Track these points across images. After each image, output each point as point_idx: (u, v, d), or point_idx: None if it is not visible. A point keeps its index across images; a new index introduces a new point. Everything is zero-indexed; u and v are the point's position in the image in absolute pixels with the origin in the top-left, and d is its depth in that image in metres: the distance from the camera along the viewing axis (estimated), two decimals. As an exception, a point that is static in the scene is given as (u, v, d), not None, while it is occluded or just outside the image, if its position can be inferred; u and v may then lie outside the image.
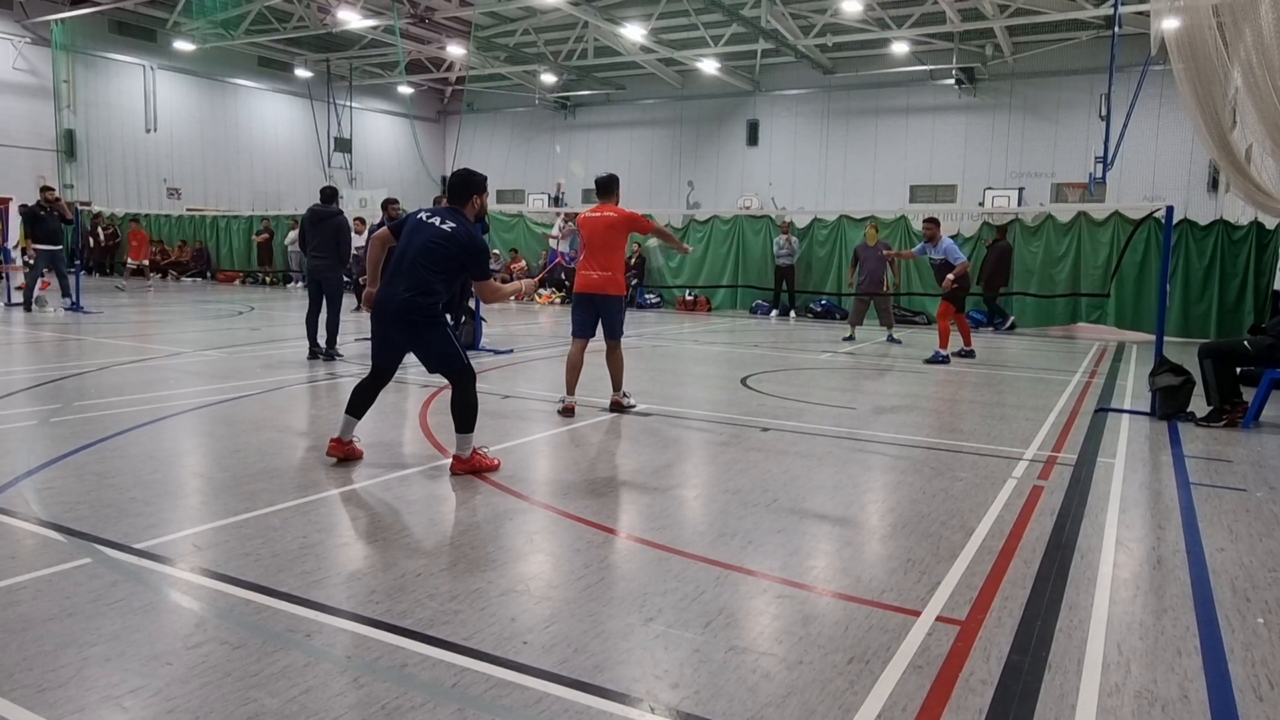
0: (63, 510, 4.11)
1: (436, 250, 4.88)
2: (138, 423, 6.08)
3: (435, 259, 4.88)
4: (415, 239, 4.94)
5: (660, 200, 29.50)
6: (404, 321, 4.93)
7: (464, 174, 5.20)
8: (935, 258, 11.65)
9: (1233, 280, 15.07)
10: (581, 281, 7.05)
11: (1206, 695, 2.69)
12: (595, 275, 6.96)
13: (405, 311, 4.89)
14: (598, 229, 6.96)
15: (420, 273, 4.87)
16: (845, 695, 2.63)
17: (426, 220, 5.00)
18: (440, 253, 4.89)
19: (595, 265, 6.96)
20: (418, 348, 5.05)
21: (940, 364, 10.84)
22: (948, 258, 11.43)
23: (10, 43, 23.87)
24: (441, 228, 4.93)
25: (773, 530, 4.19)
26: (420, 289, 4.87)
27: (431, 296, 4.91)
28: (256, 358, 9.58)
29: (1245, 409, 7.10)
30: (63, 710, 2.41)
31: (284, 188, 29.96)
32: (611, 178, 7.25)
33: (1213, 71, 7.92)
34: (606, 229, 6.94)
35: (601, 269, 6.95)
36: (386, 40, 26.30)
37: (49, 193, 14.05)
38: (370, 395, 5.19)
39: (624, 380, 7.24)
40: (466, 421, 5.02)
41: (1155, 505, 4.89)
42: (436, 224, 4.95)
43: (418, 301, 4.87)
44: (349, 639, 2.91)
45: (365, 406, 5.20)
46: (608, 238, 6.94)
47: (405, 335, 5.00)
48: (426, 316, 4.93)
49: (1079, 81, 23.24)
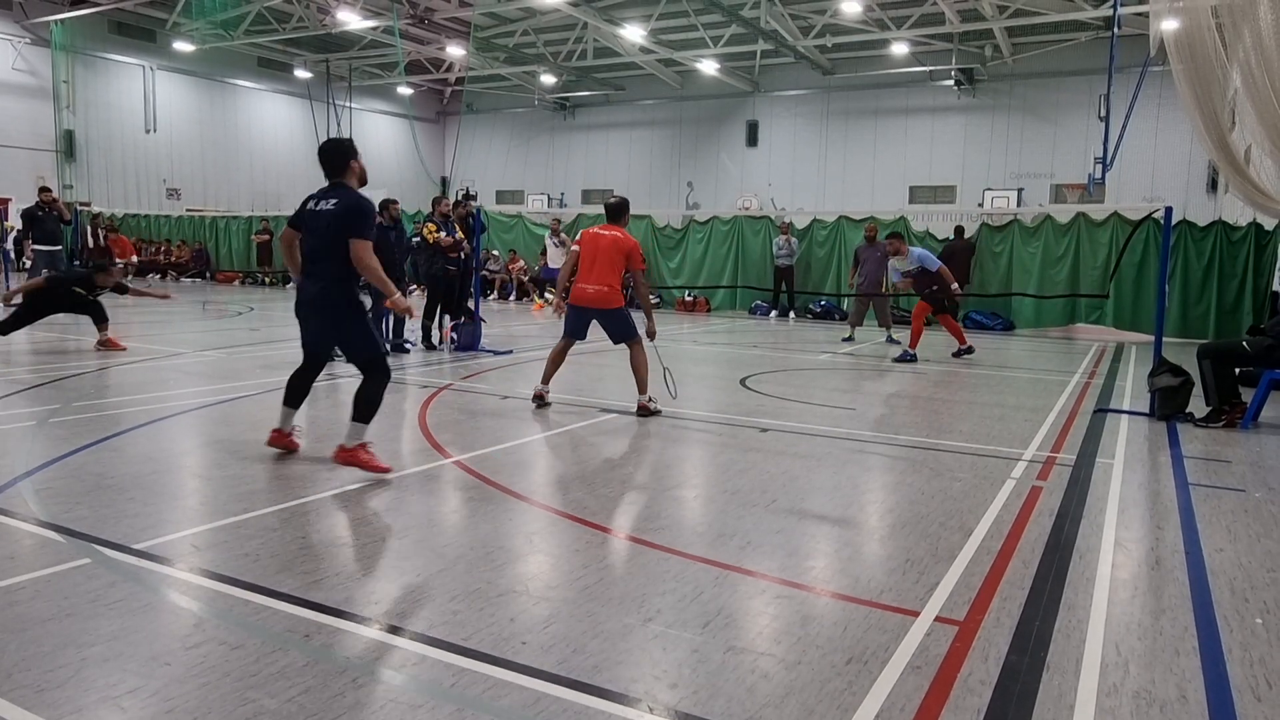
0: (62, 510, 4.11)
1: (329, 232, 4.94)
2: (137, 423, 6.08)
3: (335, 241, 4.93)
4: (315, 228, 5.03)
5: (660, 201, 29.51)
6: (323, 311, 5.05)
7: (331, 145, 5.22)
8: (910, 268, 11.58)
9: (1231, 281, 15.07)
10: (578, 294, 7.10)
11: (1205, 695, 2.69)
12: (591, 289, 7.04)
13: (323, 301, 5.00)
14: (603, 245, 7.05)
15: (327, 262, 4.97)
16: (844, 695, 2.63)
17: (315, 208, 5.08)
18: (334, 232, 4.93)
19: (593, 280, 7.03)
20: (338, 337, 5.16)
21: (908, 362, 10.97)
22: (923, 265, 11.39)
23: (10, 43, 23.88)
24: (328, 209, 4.99)
25: (771, 531, 4.19)
26: (333, 276, 4.96)
27: (345, 282, 5.00)
28: (255, 358, 9.58)
29: (1244, 410, 7.11)
30: (61, 710, 2.41)
31: (283, 188, 29.95)
32: (623, 202, 7.35)
33: (1212, 72, 7.92)
34: (611, 246, 7.03)
35: (598, 283, 7.02)
36: (386, 41, 26.30)
37: (47, 193, 14.11)
38: (302, 385, 5.35)
39: (645, 383, 7.12)
40: (366, 414, 5.06)
41: (1154, 506, 4.89)
42: (325, 207, 5.02)
43: (332, 291, 4.98)
44: (348, 640, 2.91)
45: (300, 397, 5.35)
46: (611, 255, 7.03)
47: (325, 324, 5.11)
48: (344, 305, 5.05)
49: (1078, 82, 23.25)
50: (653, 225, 20.69)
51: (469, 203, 12.09)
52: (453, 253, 10.74)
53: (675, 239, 20.38)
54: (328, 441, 5.99)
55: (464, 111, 33.24)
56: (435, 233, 10.61)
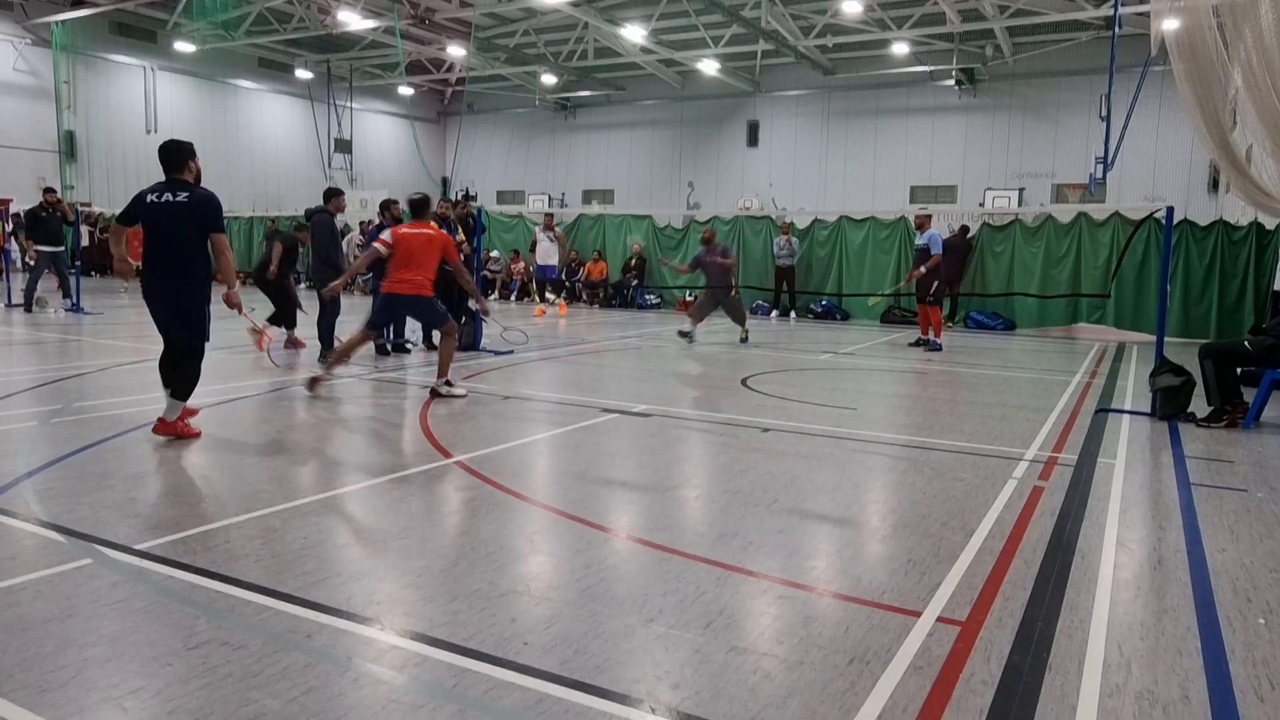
0: (63, 511, 4.11)
1: (182, 222, 5.35)
2: (138, 424, 6.08)
3: (187, 231, 5.35)
4: (162, 222, 5.37)
5: (660, 201, 29.51)
6: (174, 296, 5.45)
7: (171, 145, 5.59)
8: (919, 244, 12.08)
9: (1233, 281, 15.07)
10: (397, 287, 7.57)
11: (1207, 696, 2.69)
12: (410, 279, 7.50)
13: (173, 288, 5.43)
14: (416, 244, 7.51)
15: (179, 251, 5.38)
16: (846, 696, 2.63)
17: (160, 201, 5.39)
18: (187, 222, 5.35)
19: (411, 273, 7.51)
20: (182, 319, 5.52)
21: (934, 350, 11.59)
22: (929, 245, 11.87)
23: (11, 44, 23.88)
24: (178, 201, 5.37)
25: (773, 531, 4.19)
26: (183, 261, 5.39)
27: (194, 267, 5.44)
28: (256, 357, 9.57)
29: (1246, 409, 7.10)
30: (63, 711, 2.41)
31: (284, 189, 29.95)
32: (425, 198, 7.86)
33: (1213, 72, 7.92)
34: (425, 244, 7.52)
35: (415, 275, 7.51)
36: (387, 41, 26.30)
37: (51, 194, 14.15)
38: (166, 367, 5.70)
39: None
40: (185, 391, 5.60)
41: (1156, 506, 4.89)
42: (172, 199, 5.38)
43: (182, 277, 5.41)
44: (349, 640, 2.91)
45: (168, 379, 5.66)
46: (427, 252, 7.53)
47: (173, 307, 5.50)
48: (194, 290, 5.48)
49: (1079, 82, 23.23)
50: (654, 225, 20.71)
51: (469, 203, 12.09)
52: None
53: (676, 239, 20.39)
54: (327, 443, 5.99)
55: (464, 112, 33.22)
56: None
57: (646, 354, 11.35)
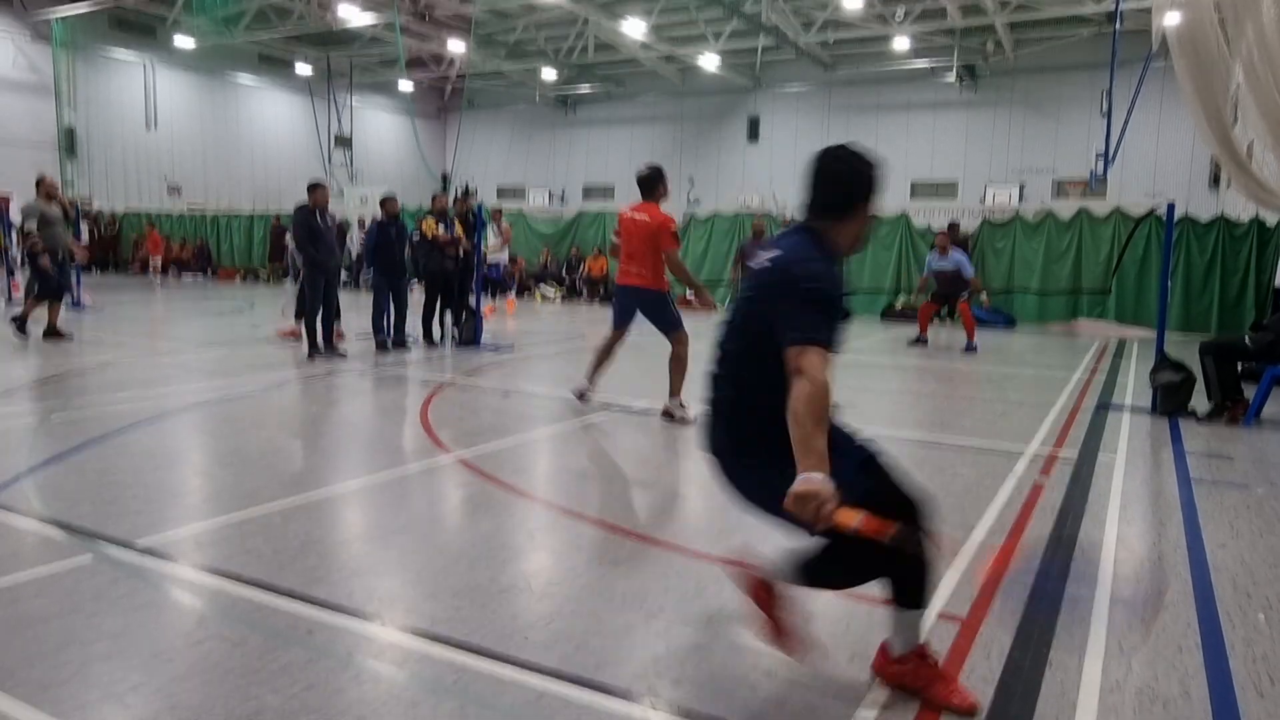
0: (64, 507, 4.11)
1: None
2: (139, 420, 6.08)
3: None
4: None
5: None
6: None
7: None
8: (947, 269, 11.85)
9: (1234, 277, 15.05)
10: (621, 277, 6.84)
11: (1207, 691, 2.69)
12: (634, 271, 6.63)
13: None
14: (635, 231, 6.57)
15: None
16: (847, 692, 2.63)
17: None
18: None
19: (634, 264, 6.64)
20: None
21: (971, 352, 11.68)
22: (960, 270, 11.74)
23: (10, 40, 23.85)
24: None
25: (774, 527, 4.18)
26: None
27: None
28: (257, 355, 9.57)
29: (1246, 406, 7.09)
30: (65, 707, 2.42)
31: (284, 184, 29.87)
32: (654, 171, 6.70)
33: (1214, 67, 7.91)
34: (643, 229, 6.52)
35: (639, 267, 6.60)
36: (387, 37, 26.25)
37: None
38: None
39: (679, 386, 6.62)
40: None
41: (1156, 502, 4.89)
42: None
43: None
44: (350, 636, 2.91)
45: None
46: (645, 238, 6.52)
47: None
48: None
49: (1080, 78, 23.19)
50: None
51: (469, 199, 12.08)
52: (450, 249, 10.74)
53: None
54: (328, 439, 6.00)
55: (465, 107, 33.16)
56: (434, 228, 10.62)
57: (646, 351, 11.35)
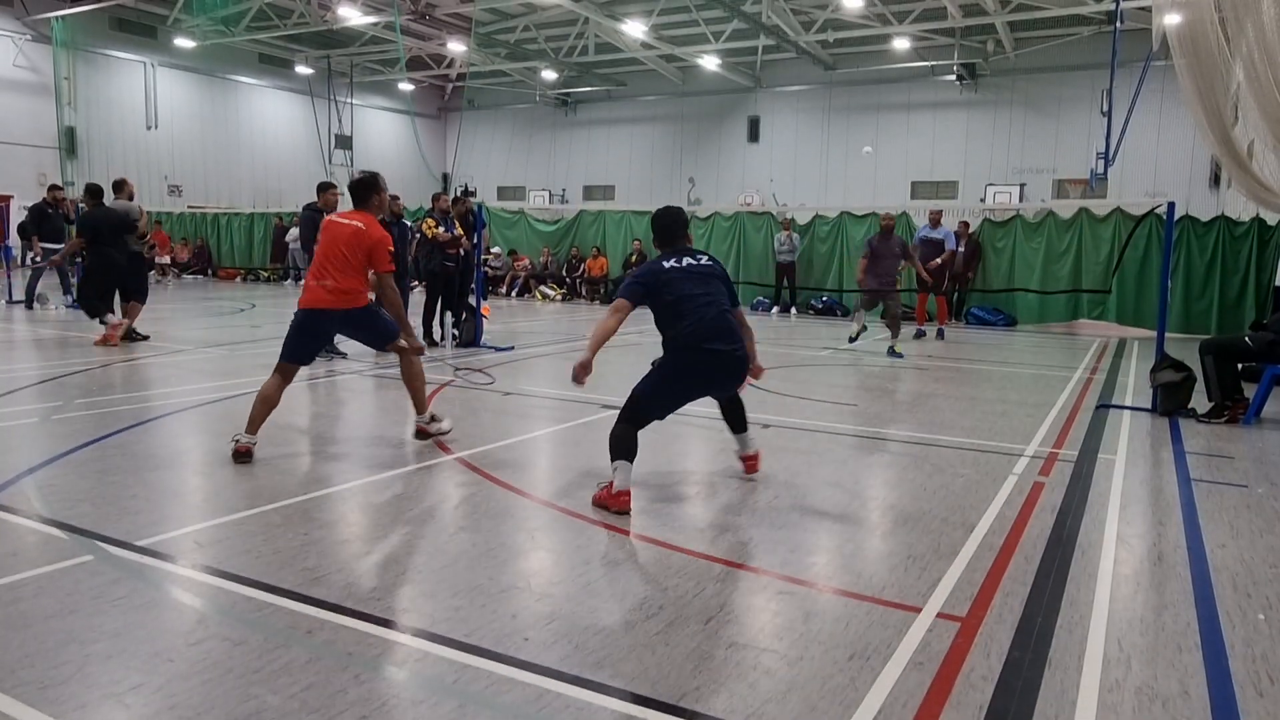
0: (64, 507, 4.12)
1: None
2: (139, 420, 6.08)
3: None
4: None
5: (661, 197, 29.43)
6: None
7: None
8: (935, 237, 12.10)
9: (1234, 276, 15.05)
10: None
11: (1207, 691, 2.69)
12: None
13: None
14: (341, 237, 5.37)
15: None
16: (846, 691, 2.63)
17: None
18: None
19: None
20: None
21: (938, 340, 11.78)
22: (945, 241, 11.96)
23: (11, 40, 23.85)
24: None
25: (774, 527, 4.19)
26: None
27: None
28: (257, 355, 9.58)
29: (1246, 405, 7.10)
30: (65, 707, 2.42)
31: (285, 185, 29.94)
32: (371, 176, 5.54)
33: (1214, 67, 7.90)
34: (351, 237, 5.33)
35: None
36: (387, 37, 26.27)
37: (56, 191, 14.22)
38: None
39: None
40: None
41: (1156, 501, 4.89)
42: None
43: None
44: (350, 635, 2.91)
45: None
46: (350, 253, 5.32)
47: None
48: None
49: (1080, 77, 23.18)
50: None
51: (469, 199, 12.08)
52: (450, 249, 10.74)
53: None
54: (328, 439, 6.00)
55: (465, 107, 33.17)
56: (434, 228, 10.62)
57: (647, 350, 11.35)
